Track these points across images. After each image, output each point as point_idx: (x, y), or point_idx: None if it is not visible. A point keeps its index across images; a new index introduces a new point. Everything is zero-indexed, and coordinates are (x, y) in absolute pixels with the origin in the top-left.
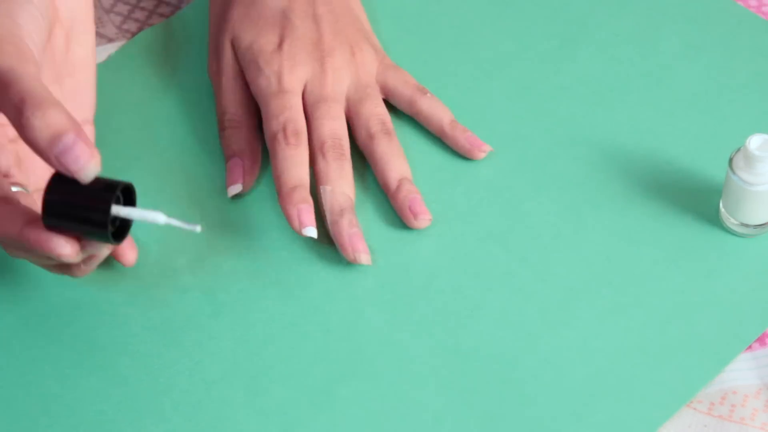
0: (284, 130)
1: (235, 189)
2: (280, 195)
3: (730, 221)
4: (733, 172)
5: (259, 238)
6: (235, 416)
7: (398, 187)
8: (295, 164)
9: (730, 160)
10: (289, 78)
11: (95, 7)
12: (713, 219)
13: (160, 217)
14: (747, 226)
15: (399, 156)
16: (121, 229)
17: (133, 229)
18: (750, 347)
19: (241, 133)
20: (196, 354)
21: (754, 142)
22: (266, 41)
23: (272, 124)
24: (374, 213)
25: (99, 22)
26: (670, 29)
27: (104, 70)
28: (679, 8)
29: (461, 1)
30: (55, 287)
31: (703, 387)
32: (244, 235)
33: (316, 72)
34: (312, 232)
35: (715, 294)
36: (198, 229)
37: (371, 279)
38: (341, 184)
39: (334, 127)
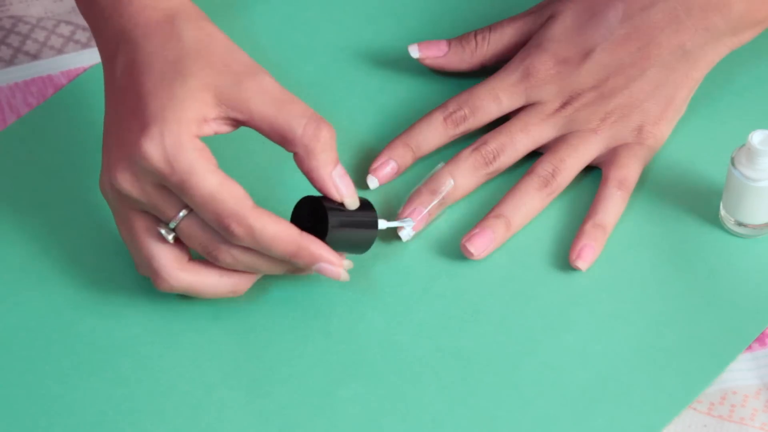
0: None
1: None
2: None
3: (730, 222)
4: (735, 168)
5: None
6: (235, 418)
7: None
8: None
9: (732, 157)
10: None
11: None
12: (713, 220)
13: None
14: (746, 226)
15: None
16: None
17: None
18: (750, 347)
19: None
20: (197, 356)
21: (757, 137)
22: None
23: None
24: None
25: None
26: None
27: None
28: None
29: (462, 1)
30: (55, 288)
31: (703, 389)
32: None
33: None
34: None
35: (714, 295)
36: (409, 228)
37: (372, 282)
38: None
39: None
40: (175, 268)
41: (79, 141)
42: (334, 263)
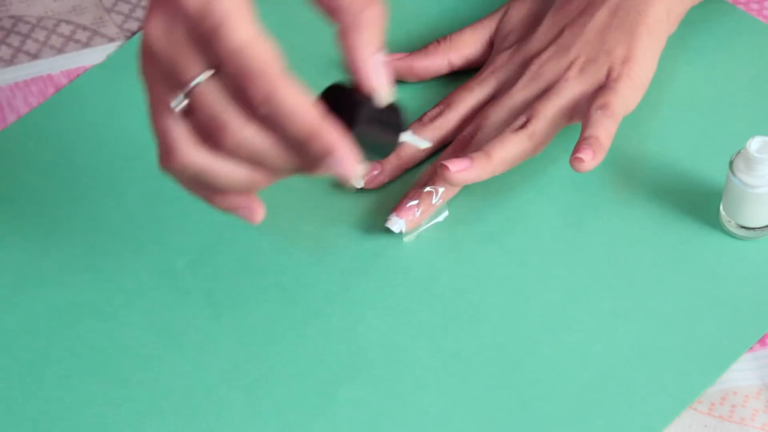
0: None
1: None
2: None
3: (731, 224)
4: (734, 175)
5: (259, 240)
6: (235, 419)
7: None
8: None
9: (731, 163)
10: None
11: (96, 6)
12: (713, 222)
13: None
14: (747, 228)
15: None
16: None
17: (134, 231)
18: (750, 348)
19: None
20: (197, 356)
21: (755, 144)
22: None
23: None
24: (375, 214)
25: (100, 21)
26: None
27: (104, 70)
28: None
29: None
30: (54, 289)
31: (704, 390)
32: (245, 237)
33: None
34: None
35: (715, 297)
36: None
37: (371, 282)
38: None
39: None
40: (191, 144)
41: (79, 141)
42: (350, 158)
